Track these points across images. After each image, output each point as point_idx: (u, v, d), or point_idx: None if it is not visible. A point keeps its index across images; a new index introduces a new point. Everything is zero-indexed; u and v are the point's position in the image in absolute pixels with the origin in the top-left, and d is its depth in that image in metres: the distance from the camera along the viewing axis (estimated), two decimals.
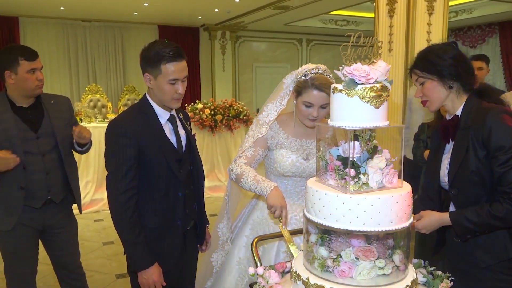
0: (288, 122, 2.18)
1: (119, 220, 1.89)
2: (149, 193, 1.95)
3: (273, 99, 2.18)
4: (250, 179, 2.01)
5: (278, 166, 2.14)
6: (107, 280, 3.76)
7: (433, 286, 1.54)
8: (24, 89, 2.36)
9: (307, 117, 2.06)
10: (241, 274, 2.15)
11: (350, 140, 1.39)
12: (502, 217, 1.62)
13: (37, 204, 2.43)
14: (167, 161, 1.94)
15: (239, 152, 2.18)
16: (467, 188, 1.75)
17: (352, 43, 1.40)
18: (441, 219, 1.76)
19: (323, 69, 2.06)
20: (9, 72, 2.31)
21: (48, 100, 2.51)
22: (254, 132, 2.16)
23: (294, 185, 2.18)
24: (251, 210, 2.28)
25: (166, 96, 1.92)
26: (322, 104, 2.01)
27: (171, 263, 2.02)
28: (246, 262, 2.15)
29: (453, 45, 1.83)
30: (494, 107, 1.71)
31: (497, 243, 1.73)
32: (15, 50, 2.36)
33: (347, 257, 1.39)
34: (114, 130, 1.91)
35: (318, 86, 1.98)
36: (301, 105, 2.04)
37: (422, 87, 1.80)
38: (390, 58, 4.44)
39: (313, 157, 2.14)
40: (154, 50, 1.86)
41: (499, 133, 1.63)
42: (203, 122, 6.61)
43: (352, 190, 1.36)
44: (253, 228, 2.22)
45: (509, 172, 1.62)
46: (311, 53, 12.04)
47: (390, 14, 4.46)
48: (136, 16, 9.13)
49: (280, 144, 2.15)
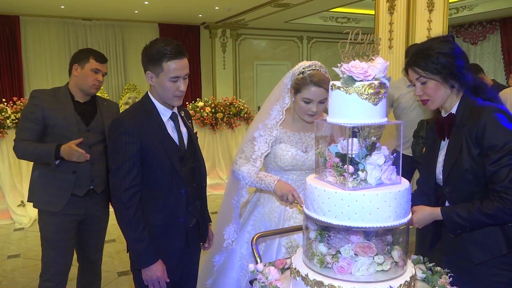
0: (286, 118, 2.21)
1: (123, 217, 1.90)
2: (152, 190, 1.96)
3: (276, 100, 2.21)
4: (254, 177, 2.12)
5: (279, 161, 2.18)
6: (109, 277, 3.77)
7: (432, 282, 1.55)
8: (83, 83, 2.57)
9: (306, 113, 2.11)
10: (243, 269, 2.18)
11: (348, 137, 1.39)
12: (491, 214, 1.64)
13: (81, 192, 2.57)
14: (170, 159, 1.96)
15: (250, 155, 2.18)
16: (461, 186, 1.76)
17: (351, 40, 1.41)
18: (433, 214, 1.78)
19: (319, 65, 2.11)
20: (77, 65, 2.59)
21: (101, 102, 2.74)
22: (266, 137, 2.17)
23: (295, 179, 2.21)
24: (252, 207, 2.31)
25: (168, 94, 1.94)
26: (321, 99, 2.06)
27: (174, 260, 2.03)
28: (249, 258, 2.18)
29: (451, 39, 1.80)
30: (489, 106, 1.71)
31: (490, 239, 1.74)
32: (90, 50, 2.65)
33: (346, 253, 1.40)
34: (117, 128, 1.93)
35: (316, 82, 2.04)
36: (301, 102, 2.09)
37: (424, 86, 1.77)
38: (390, 55, 4.44)
39: (312, 149, 2.19)
40: (156, 48, 1.88)
41: (492, 132, 1.64)
42: (204, 120, 6.62)
43: (351, 187, 1.36)
44: (254, 224, 2.25)
45: (500, 170, 1.62)
46: (312, 51, 12.03)
47: (390, 11, 4.46)
48: (137, 14, 9.13)
49: (280, 139, 2.20)
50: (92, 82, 2.57)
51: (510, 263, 1.74)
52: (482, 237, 1.75)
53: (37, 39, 9.15)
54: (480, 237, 1.75)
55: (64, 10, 8.55)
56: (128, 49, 9.93)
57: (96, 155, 2.59)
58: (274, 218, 2.20)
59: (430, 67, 1.73)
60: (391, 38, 4.45)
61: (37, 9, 8.40)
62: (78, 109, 2.60)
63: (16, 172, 5.43)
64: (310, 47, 12.04)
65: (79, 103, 2.62)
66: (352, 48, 1.41)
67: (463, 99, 1.78)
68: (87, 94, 2.63)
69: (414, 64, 1.77)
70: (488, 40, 9.92)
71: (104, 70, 2.63)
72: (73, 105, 2.59)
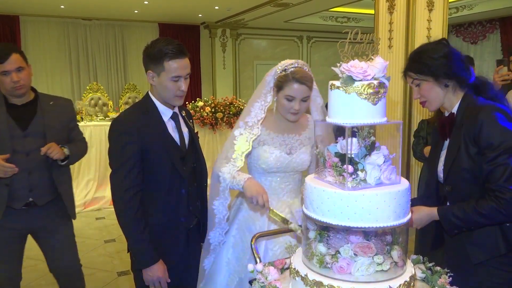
0: (268, 118, 2.15)
1: (124, 217, 1.90)
2: (153, 190, 1.96)
3: (258, 98, 2.14)
4: (228, 176, 2.03)
5: (262, 163, 2.13)
6: (109, 277, 3.78)
7: (432, 282, 1.55)
8: (3, 88, 2.35)
9: (289, 111, 2.06)
10: (231, 274, 2.12)
11: (347, 137, 1.39)
12: (486, 214, 1.64)
13: (17, 205, 2.36)
14: (171, 158, 1.96)
15: (231, 154, 2.09)
16: (460, 185, 1.77)
17: (350, 40, 1.41)
18: (430, 214, 1.79)
19: (302, 63, 2.07)
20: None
21: (47, 100, 2.49)
22: (247, 135, 2.09)
23: (279, 182, 2.16)
24: (236, 211, 2.25)
25: (169, 93, 1.93)
26: (303, 97, 2.02)
27: (174, 260, 2.02)
28: (235, 262, 2.13)
29: (444, 42, 1.83)
30: (487, 105, 1.71)
31: (489, 239, 1.74)
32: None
33: (346, 253, 1.40)
34: (117, 128, 1.93)
35: (299, 79, 1.99)
36: (283, 99, 2.05)
37: (419, 88, 1.82)
38: (390, 55, 4.43)
39: (296, 151, 2.15)
40: (157, 47, 1.88)
41: (489, 131, 1.65)
42: (204, 120, 6.62)
43: (350, 187, 1.36)
44: (239, 228, 2.19)
45: (495, 169, 1.63)
46: (312, 50, 12.01)
47: (390, 11, 4.45)
48: (137, 14, 9.12)
49: (263, 141, 2.14)
50: (8, 85, 2.30)
51: (509, 263, 1.74)
52: (481, 237, 1.75)
53: (37, 39, 9.14)
54: (478, 237, 1.75)
55: (64, 10, 8.54)
56: (128, 49, 9.91)
57: (35, 163, 2.37)
58: (259, 222, 2.14)
59: (423, 69, 1.78)
60: (391, 37, 4.44)
61: (37, 9, 8.39)
62: (13, 112, 2.36)
63: None
64: (310, 47, 12.02)
65: (14, 106, 2.38)
66: (352, 48, 1.41)
67: (464, 99, 1.79)
68: (15, 96, 2.37)
69: (408, 69, 1.84)
70: (488, 39, 9.91)
71: (13, 67, 2.29)
72: (6, 108, 2.35)
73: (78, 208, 5.84)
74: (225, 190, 2.08)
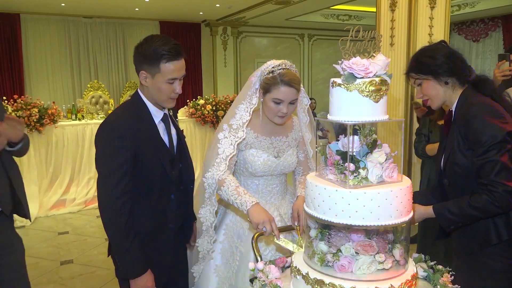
0: (255, 121, 2.08)
1: (113, 226, 1.79)
2: (143, 196, 1.87)
3: (243, 99, 2.05)
4: (232, 188, 1.90)
5: (249, 167, 2.07)
6: (109, 275, 3.77)
7: (434, 281, 1.54)
8: None
9: (276, 114, 1.99)
10: (219, 281, 2.07)
11: (349, 135, 1.38)
12: (481, 207, 1.68)
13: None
14: (162, 162, 1.88)
15: (214, 158, 1.99)
16: (455, 180, 1.84)
17: (351, 37, 1.40)
18: (426, 212, 1.83)
19: (289, 64, 1.99)
20: None
21: None
22: (231, 139, 1.99)
23: (266, 184, 2.12)
24: (222, 215, 2.18)
25: (162, 96, 1.84)
26: (292, 100, 1.96)
27: (163, 266, 1.96)
28: (224, 269, 2.08)
29: (443, 43, 1.90)
30: (478, 102, 1.76)
31: (480, 230, 1.79)
32: None
33: (347, 252, 1.39)
34: (109, 131, 1.80)
35: (287, 82, 1.92)
36: (270, 102, 1.97)
37: (421, 87, 1.88)
38: (392, 52, 4.41)
39: (284, 154, 2.12)
40: (153, 47, 1.76)
41: (477, 127, 1.70)
42: (205, 118, 6.61)
43: (352, 185, 1.35)
44: (226, 233, 2.13)
45: (485, 164, 1.67)
46: (313, 48, 11.99)
47: (391, 8, 4.43)
48: (138, 12, 9.11)
49: (250, 144, 2.07)
50: None
51: (501, 254, 1.78)
52: (473, 228, 1.80)
53: (38, 37, 9.14)
54: (471, 228, 1.80)
55: (65, 8, 8.54)
56: (129, 47, 9.89)
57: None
58: (246, 226, 2.09)
59: (423, 69, 1.84)
60: (393, 35, 4.42)
61: (37, 6, 8.39)
62: None
63: None
64: (311, 45, 12.00)
65: None
66: (353, 45, 1.40)
67: (461, 96, 1.83)
68: None
69: (409, 70, 1.91)
70: (490, 37, 9.88)
71: None
72: None
73: (79, 206, 5.86)
74: (211, 197, 2.00)
